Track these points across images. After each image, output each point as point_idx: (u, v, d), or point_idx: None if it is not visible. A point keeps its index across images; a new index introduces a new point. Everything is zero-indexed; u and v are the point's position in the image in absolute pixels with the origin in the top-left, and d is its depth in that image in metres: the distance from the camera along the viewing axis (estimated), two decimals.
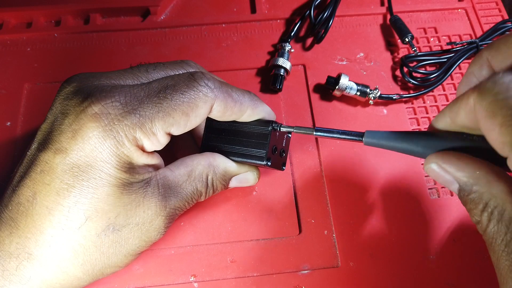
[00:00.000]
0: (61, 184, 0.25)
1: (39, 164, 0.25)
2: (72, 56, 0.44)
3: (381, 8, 0.47)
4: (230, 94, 0.28)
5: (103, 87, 0.26)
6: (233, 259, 0.34)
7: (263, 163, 0.30)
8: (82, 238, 0.25)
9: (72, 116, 0.25)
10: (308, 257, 0.34)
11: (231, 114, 0.29)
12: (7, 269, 0.25)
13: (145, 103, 0.25)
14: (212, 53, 0.44)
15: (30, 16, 0.46)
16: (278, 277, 0.33)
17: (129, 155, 0.25)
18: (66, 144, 0.25)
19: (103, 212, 0.25)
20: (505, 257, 0.20)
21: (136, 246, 0.27)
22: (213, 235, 0.35)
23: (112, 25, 0.46)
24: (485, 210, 0.21)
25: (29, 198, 0.25)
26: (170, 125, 0.26)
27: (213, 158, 0.30)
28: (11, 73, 0.43)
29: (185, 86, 0.26)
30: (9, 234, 0.25)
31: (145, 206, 0.26)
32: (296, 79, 0.43)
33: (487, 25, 0.46)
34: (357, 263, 0.34)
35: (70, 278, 0.26)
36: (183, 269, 0.34)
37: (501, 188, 0.21)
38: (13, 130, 0.40)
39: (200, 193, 0.30)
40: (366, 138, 0.26)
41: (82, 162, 0.25)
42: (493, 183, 0.21)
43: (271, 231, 0.35)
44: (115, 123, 0.25)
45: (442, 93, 0.42)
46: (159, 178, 0.27)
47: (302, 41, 0.45)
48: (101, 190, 0.25)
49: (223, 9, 0.47)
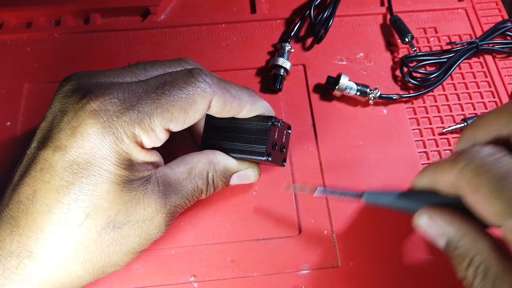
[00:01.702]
0: (60, 181, 0.25)
1: (39, 162, 0.25)
2: (72, 56, 0.44)
3: (381, 8, 0.47)
4: (229, 89, 0.28)
5: (101, 84, 0.26)
6: (233, 259, 0.34)
7: (264, 158, 0.30)
8: (82, 235, 0.25)
9: (71, 113, 0.25)
10: (308, 257, 0.34)
11: (230, 109, 0.29)
12: (7, 268, 0.25)
13: (143, 100, 0.25)
14: (212, 53, 0.44)
15: (30, 16, 0.46)
16: (278, 277, 0.33)
17: (128, 151, 0.25)
18: (65, 141, 0.25)
19: (103, 209, 0.25)
20: None
21: (136, 244, 0.27)
22: (213, 235, 0.35)
23: (112, 25, 0.46)
24: (470, 266, 0.22)
25: (29, 196, 0.25)
26: (168, 121, 0.26)
27: (213, 155, 0.30)
28: (11, 73, 0.43)
29: (183, 82, 0.26)
30: (10, 233, 0.25)
31: (145, 204, 0.26)
32: (296, 79, 0.43)
33: (487, 25, 0.46)
34: (357, 263, 0.34)
35: (71, 276, 0.26)
36: (183, 269, 0.33)
37: (486, 243, 0.22)
38: (13, 130, 0.40)
39: (201, 191, 0.30)
40: (365, 199, 0.28)
41: (81, 159, 0.25)
42: (479, 239, 0.22)
43: (271, 231, 0.35)
44: (114, 120, 0.25)
45: (442, 93, 0.42)
46: (159, 175, 0.27)
47: (302, 41, 0.45)
48: (101, 187, 0.25)
49: (223, 9, 0.47)
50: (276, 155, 0.31)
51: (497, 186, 0.20)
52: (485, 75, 0.43)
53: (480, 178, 0.20)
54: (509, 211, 0.19)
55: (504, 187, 0.19)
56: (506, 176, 0.20)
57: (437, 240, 0.24)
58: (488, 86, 0.43)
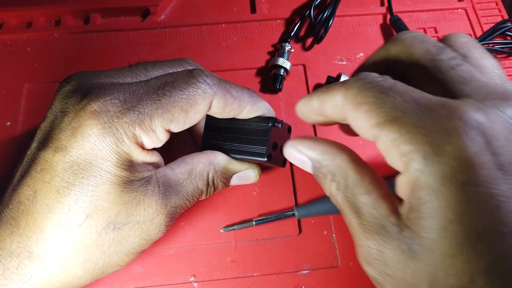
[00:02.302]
0: (61, 182, 0.25)
1: (39, 163, 0.25)
2: (72, 56, 0.44)
3: (381, 8, 0.47)
4: (229, 90, 0.28)
5: (102, 85, 0.26)
6: (233, 259, 0.34)
7: (264, 159, 0.30)
8: (82, 236, 0.25)
9: (72, 114, 0.25)
10: (308, 257, 0.34)
11: (231, 110, 0.29)
12: (8, 268, 0.25)
13: (144, 100, 0.25)
14: (212, 53, 0.44)
15: (30, 16, 0.46)
16: (278, 277, 0.33)
17: (128, 152, 0.25)
18: (65, 142, 0.25)
19: (103, 210, 0.25)
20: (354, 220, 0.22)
21: (137, 245, 0.27)
22: (213, 235, 0.35)
23: (112, 25, 0.46)
24: (333, 181, 0.23)
25: (29, 196, 0.25)
26: (169, 122, 0.26)
27: (213, 156, 0.30)
28: (11, 73, 0.43)
29: (184, 83, 0.26)
30: (10, 233, 0.25)
31: (146, 204, 0.26)
32: (296, 79, 0.43)
33: (487, 25, 0.46)
34: (357, 263, 0.34)
35: (71, 276, 0.26)
36: (183, 269, 0.34)
37: (344, 157, 0.23)
38: (13, 130, 0.40)
39: (201, 191, 0.30)
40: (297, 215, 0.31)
41: (82, 160, 0.25)
42: (337, 155, 0.23)
43: (271, 231, 0.35)
44: (115, 120, 0.25)
45: None
46: (160, 176, 0.27)
47: (302, 41, 0.45)
48: (101, 188, 0.25)
49: (223, 9, 0.47)
50: (276, 156, 0.31)
51: (377, 99, 0.20)
52: None
53: (363, 93, 0.20)
54: (384, 121, 0.19)
55: (384, 99, 0.20)
56: (388, 90, 0.20)
57: (305, 166, 0.25)
58: None
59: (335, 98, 0.22)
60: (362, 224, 0.21)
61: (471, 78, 0.21)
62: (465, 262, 0.18)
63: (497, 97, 0.19)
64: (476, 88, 0.20)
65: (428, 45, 0.23)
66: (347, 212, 0.22)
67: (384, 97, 0.20)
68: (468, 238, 0.18)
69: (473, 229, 0.17)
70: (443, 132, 0.18)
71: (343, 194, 0.22)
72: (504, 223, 0.17)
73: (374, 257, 0.21)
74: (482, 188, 0.17)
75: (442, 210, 0.18)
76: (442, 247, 0.18)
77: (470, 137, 0.18)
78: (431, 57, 0.22)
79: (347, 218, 0.23)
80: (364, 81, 0.21)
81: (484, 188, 0.17)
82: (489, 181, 0.18)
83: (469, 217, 0.17)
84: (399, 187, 0.21)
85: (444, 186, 0.18)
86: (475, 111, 0.18)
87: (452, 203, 0.18)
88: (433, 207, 0.18)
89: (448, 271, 0.18)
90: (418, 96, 0.20)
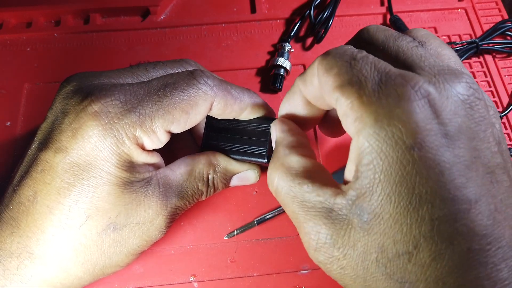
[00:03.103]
0: (61, 183, 0.25)
1: (40, 164, 0.25)
2: (72, 56, 0.44)
3: (381, 8, 0.47)
4: (230, 91, 0.28)
5: (102, 86, 0.26)
6: (233, 259, 0.34)
7: (264, 160, 0.30)
8: (83, 237, 0.25)
9: (72, 115, 0.25)
10: (308, 257, 0.34)
11: (231, 111, 0.29)
12: (8, 268, 0.25)
13: (145, 101, 0.26)
14: (212, 53, 0.44)
15: (30, 16, 0.46)
16: (278, 277, 0.33)
17: (129, 153, 0.25)
18: (66, 143, 0.25)
19: (103, 211, 0.25)
20: (300, 210, 0.23)
21: (137, 246, 0.27)
22: (213, 235, 0.35)
23: (112, 25, 0.46)
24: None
25: (29, 197, 0.25)
26: (170, 123, 0.26)
27: (213, 156, 0.30)
28: (11, 73, 0.43)
29: (184, 84, 0.26)
30: (10, 233, 0.25)
31: (146, 205, 0.26)
32: None
33: (487, 25, 0.46)
34: None
35: (71, 277, 0.26)
36: (183, 269, 0.34)
37: (290, 125, 0.26)
38: (13, 130, 0.40)
39: (201, 192, 0.30)
40: None
41: (82, 161, 0.25)
42: (284, 124, 0.27)
43: (271, 231, 0.35)
44: (115, 122, 0.25)
45: None
46: (160, 177, 0.27)
47: (302, 41, 0.45)
48: (102, 189, 0.25)
49: (223, 9, 0.47)
50: None
51: (347, 65, 0.21)
52: (485, 75, 0.43)
53: (337, 59, 0.21)
54: (346, 84, 0.20)
55: (352, 65, 0.21)
56: (360, 59, 0.21)
57: None
58: (488, 86, 0.43)
59: (314, 67, 0.23)
60: (308, 211, 0.22)
61: (427, 58, 0.22)
62: (409, 227, 0.18)
63: (449, 73, 0.20)
64: (430, 65, 0.21)
65: (391, 32, 0.24)
66: (291, 205, 0.23)
67: (354, 63, 0.21)
68: (412, 202, 0.18)
69: (416, 193, 0.18)
70: (395, 97, 0.19)
71: (285, 184, 0.23)
72: (447, 189, 0.18)
73: (323, 241, 0.22)
74: (427, 154, 0.18)
75: (389, 173, 0.19)
76: (389, 211, 0.19)
77: (419, 104, 0.19)
78: (393, 40, 0.23)
79: (291, 209, 0.23)
80: (340, 49, 0.22)
81: (429, 153, 0.18)
82: (434, 148, 0.18)
83: (413, 181, 0.18)
84: (349, 160, 0.21)
85: (391, 148, 0.18)
86: (426, 82, 0.19)
87: (398, 165, 0.18)
88: (381, 171, 0.19)
89: (395, 237, 0.19)
90: (382, 66, 0.20)
